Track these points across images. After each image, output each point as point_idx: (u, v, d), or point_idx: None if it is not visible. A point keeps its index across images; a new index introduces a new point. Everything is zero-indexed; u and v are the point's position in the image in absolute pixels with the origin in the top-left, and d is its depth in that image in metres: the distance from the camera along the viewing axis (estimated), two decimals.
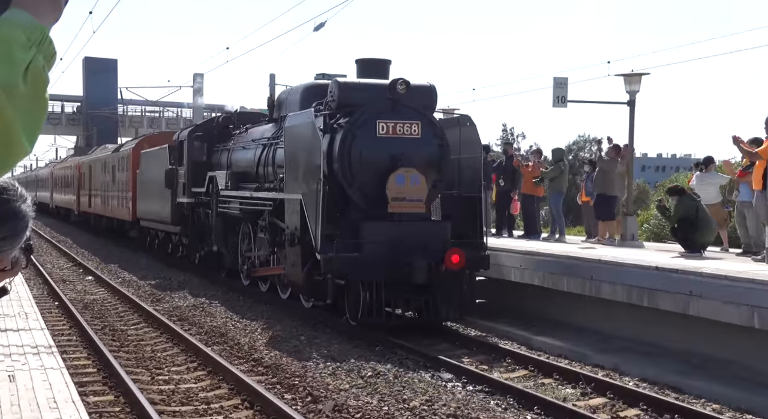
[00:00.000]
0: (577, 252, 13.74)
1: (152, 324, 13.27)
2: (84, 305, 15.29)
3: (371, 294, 11.89)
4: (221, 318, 13.71)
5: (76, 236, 33.16)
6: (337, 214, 12.50)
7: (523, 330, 12.61)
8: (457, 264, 12.16)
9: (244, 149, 16.87)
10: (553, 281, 13.18)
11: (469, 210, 13.22)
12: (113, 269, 21.28)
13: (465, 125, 13.66)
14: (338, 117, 12.92)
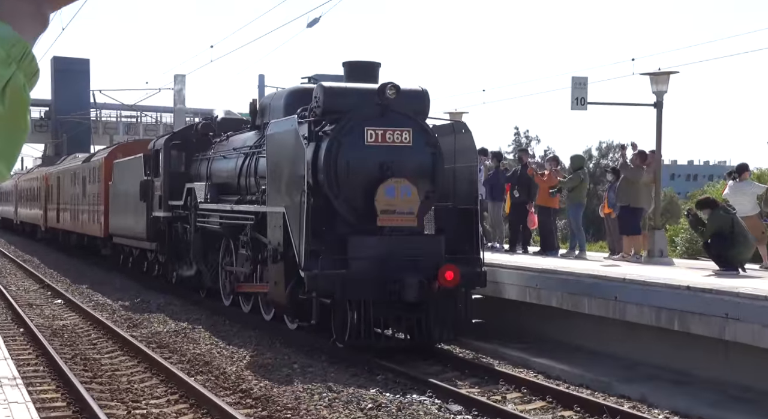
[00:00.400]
0: (600, 270, 13.80)
1: (128, 351, 13.37)
2: (53, 332, 15.43)
3: (359, 314, 12.33)
4: (205, 344, 13.87)
5: (43, 254, 33.50)
6: (323, 228, 12.95)
7: (538, 356, 12.71)
8: (451, 281, 12.61)
9: (224, 159, 17.38)
10: (573, 302, 13.23)
11: (465, 223, 13.68)
12: (85, 291, 21.53)
13: (460, 132, 14.16)
14: (324, 124, 13.41)
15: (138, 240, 22.43)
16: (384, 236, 12.89)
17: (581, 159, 19.31)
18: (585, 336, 13.32)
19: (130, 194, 22.35)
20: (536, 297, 13.99)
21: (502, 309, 14.77)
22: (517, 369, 12.19)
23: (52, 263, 29.42)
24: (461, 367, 12.41)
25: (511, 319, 14.75)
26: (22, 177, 52.23)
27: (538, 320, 14.25)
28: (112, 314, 17.60)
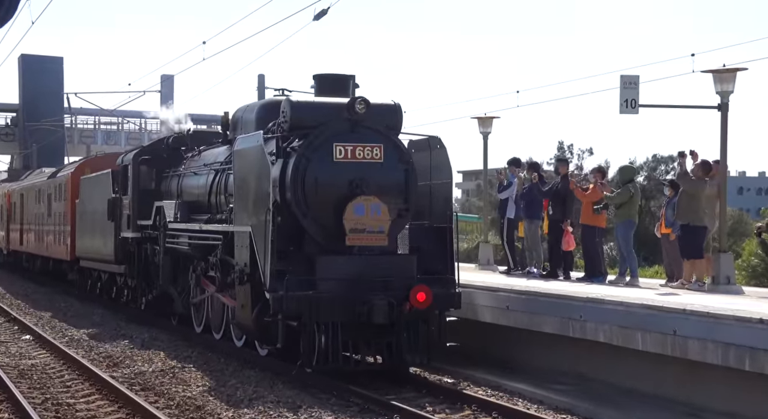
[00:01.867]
0: (655, 299, 13.81)
1: (108, 395, 13.62)
2: (20, 373, 15.70)
3: (327, 337, 14.17)
4: (197, 386, 14.21)
5: (8, 282, 34.53)
6: (291, 248, 14.84)
7: (576, 398, 13.16)
8: (423, 303, 14.45)
9: (195, 175, 19.38)
10: (623, 336, 13.40)
11: (440, 242, 15.55)
12: (57, 325, 22.23)
13: (435, 148, 16.05)
14: (292, 140, 15.31)
15: (106, 263, 24.49)
16: (353, 255, 14.74)
17: (631, 170, 19.63)
18: (638, 377, 13.51)
19: (98, 213, 24.46)
20: (580, 331, 14.24)
21: (536, 343, 15.34)
22: (547, 412, 12.70)
23: (19, 292, 30.39)
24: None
25: (545, 355, 15.29)
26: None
27: (582, 357, 14.58)
28: (89, 351, 18.06)
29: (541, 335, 15.10)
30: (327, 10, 22.13)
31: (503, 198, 21.55)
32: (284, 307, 14.09)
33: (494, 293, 16.61)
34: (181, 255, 19.46)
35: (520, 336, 15.53)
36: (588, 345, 14.30)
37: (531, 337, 15.37)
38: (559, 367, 15.01)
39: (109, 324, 22.00)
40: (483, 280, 18.08)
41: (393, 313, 14.24)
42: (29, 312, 25.17)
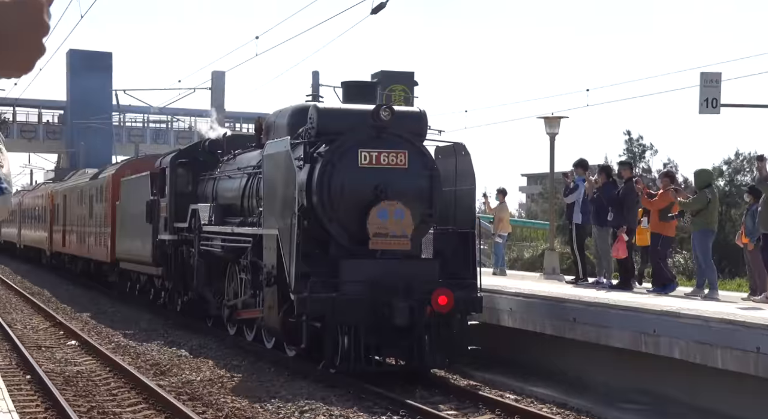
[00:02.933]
0: (737, 314, 13.72)
1: (155, 404, 13.90)
2: (65, 380, 15.96)
3: (350, 338, 15.52)
4: (246, 396, 14.42)
5: (54, 286, 35.72)
6: (316, 251, 16.22)
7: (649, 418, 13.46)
8: (444, 306, 15.75)
9: (229, 179, 20.87)
10: (701, 353, 13.31)
11: (464, 247, 16.84)
12: (104, 331, 22.86)
13: (460, 155, 17.35)
14: (318, 145, 16.70)
15: (144, 265, 26.20)
16: (377, 259, 16.09)
17: (708, 175, 19.39)
18: (717, 398, 13.48)
19: (137, 215, 26.18)
20: (653, 346, 14.24)
21: (605, 358, 15.59)
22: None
23: (65, 296, 31.54)
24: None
25: (612, 371, 15.52)
26: (27, 195, 55.92)
27: (655, 375, 14.66)
28: (136, 358, 18.55)
29: (611, 349, 15.25)
30: (385, 3, 22.37)
31: (570, 203, 21.90)
32: (308, 308, 15.43)
33: (560, 304, 16.79)
34: (214, 258, 20.88)
35: (586, 348, 15.76)
36: (662, 361, 14.24)
37: (600, 351, 15.52)
38: (626, 385, 15.09)
39: (157, 330, 22.69)
40: (549, 290, 18.44)
41: (414, 316, 15.52)
42: (75, 317, 26.01)
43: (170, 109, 57.79)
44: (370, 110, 16.46)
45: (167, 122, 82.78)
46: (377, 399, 14.37)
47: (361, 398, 14.44)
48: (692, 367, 13.61)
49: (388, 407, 13.90)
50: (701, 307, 14.88)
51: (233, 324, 20.46)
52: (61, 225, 40.24)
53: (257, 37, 35.35)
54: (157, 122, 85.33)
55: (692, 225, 18.59)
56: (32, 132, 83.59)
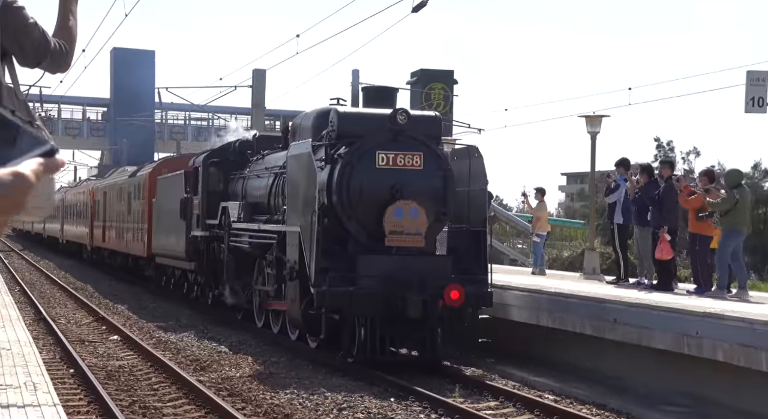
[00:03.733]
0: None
1: (195, 399, 14.11)
2: (107, 374, 16.30)
3: (366, 330, 16.58)
4: (285, 393, 14.65)
5: (97, 281, 36.62)
6: (335, 247, 17.29)
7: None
8: (456, 300, 16.77)
9: (258, 178, 22.01)
10: (745, 356, 13.32)
11: (476, 245, 17.87)
12: (145, 326, 23.37)
13: (474, 156, 18.37)
14: (339, 147, 17.77)
15: (178, 260, 27.53)
16: (392, 255, 17.13)
17: (738, 175, 19.36)
18: (761, 401, 13.52)
19: (172, 211, 27.52)
20: (696, 349, 14.31)
21: (646, 360, 15.70)
22: None
23: (107, 292, 32.38)
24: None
25: (654, 373, 15.61)
26: (70, 191, 57.60)
27: (697, 377, 14.72)
28: (176, 354, 18.89)
29: (652, 351, 15.35)
30: (426, 1, 22.61)
31: (611, 202, 22.00)
32: (327, 301, 16.52)
33: (600, 304, 16.93)
34: (243, 253, 22.00)
35: (628, 350, 15.92)
36: (705, 363, 14.28)
37: (640, 352, 15.66)
38: (671, 386, 15.18)
39: (196, 326, 23.18)
40: (588, 290, 18.58)
41: (427, 309, 16.56)
42: (117, 312, 26.66)
43: (211, 106, 58.22)
44: (388, 114, 17.47)
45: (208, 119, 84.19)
46: (416, 398, 14.60)
47: (399, 396, 14.79)
48: (736, 370, 13.58)
49: (425, 405, 14.19)
50: (746, 309, 14.85)
51: (261, 317, 21.54)
52: (102, 221, 41.74)
53: (298, 36, 35.69)
54: (198, 120, 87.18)
55: (720, 226, 18.61)
56: (77, 129, 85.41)
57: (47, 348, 18.78)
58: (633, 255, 22.80)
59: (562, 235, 69.01)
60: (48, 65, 5.12)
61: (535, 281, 20.97)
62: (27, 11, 5.00)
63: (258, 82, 48.13)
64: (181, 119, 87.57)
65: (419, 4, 22.57)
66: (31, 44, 4.94)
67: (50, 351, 18.47)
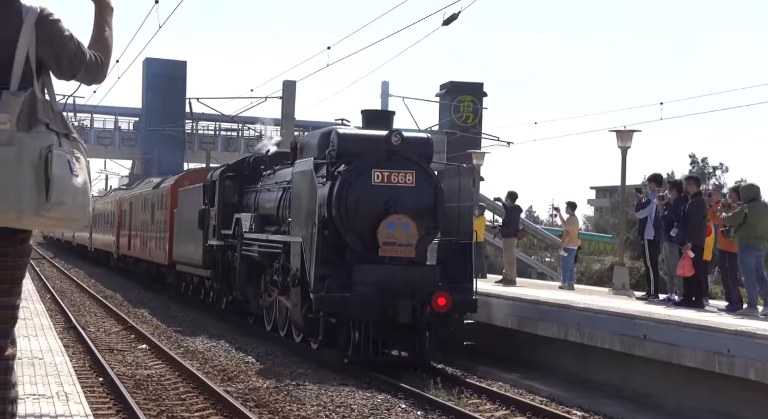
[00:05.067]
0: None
1: (222, 410, 14.42)
2: (135, 383, 16.70)
3: (360, 332, 18.46)
4: (312, 405, 14.96)
5: (126, 290, 37.84)
6: (333, 256, 19.22)
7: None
8: (443, 307, 18.65)
9: (269, 191, 24.04)
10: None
11: (463, 256, 19.75)
12: (173, 336, 24.02)
13: (463, 175, 20.27)
14: (338, 165, 19.72)
15: (195, 267, 29.70)
16: (385, 264, 19.03)
17: (752, 190, 19.32)
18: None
19: (191, 222, 29.75)
20: (728, 367, 14.38)
21: (675, 378, 15.98)
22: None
23: (136, 300, 33.45)
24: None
25: (684, 391, 15.87)
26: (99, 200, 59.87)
27: (728, 395, 14.86)
28: (204, 364, 19.36)
29: (681, 368, 15.56)
30: (457, 14, 22.94)
31: (641, 217, 22.41)
32: (324, 305, 18.48)
33: (630, 320, 17.09)
34: (254, 262, 23.99)
35: (657, 367, 16.22)
36: (736, 382, 14.38)
37: (670, 369, 15.92)
38: (703, 405, 15.36)
39: (224, 336, 23.77)
40: (618, 306, 18.83)
41: (416, 315, 18.46)
42: (145, 320, 27.53)
43: (242, 117, 58.79)
44: (383, 136, 19.39)
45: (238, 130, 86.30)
46: (443, 412, 14.94)
47: (426, 409, 15.13)
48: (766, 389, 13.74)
49: (444, 415, 14.74)
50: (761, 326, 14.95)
51: (269, 321, 23.47)
52: (127, 230, 44.10)
53: (329, 48, 35.44)
54: (228, 131, 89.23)
55: (736, 240, 18.69)
56: (108, 138, 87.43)
57: (77, 356, 19.21)
58: (663, 271, 23.05)
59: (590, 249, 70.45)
60: (83, 77, 5.27)
61: (564, 296, 21.46)
62: (63, 24, 5.16)
63: (288, 94, 49.18)
64: (211, 130, 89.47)
65: (450, 17, 23.04)
66: (67, 57, 5.10)
67: (80, 360, 18.88)
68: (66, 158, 4.89)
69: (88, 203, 4.99)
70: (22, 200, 4.72)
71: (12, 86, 4.93)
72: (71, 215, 4.93)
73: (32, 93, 4.93)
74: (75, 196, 4.89)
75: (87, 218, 5.09)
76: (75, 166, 4.95)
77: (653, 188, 22.19)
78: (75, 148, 5.04)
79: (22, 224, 4.88)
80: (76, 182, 4.91)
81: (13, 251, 5.08)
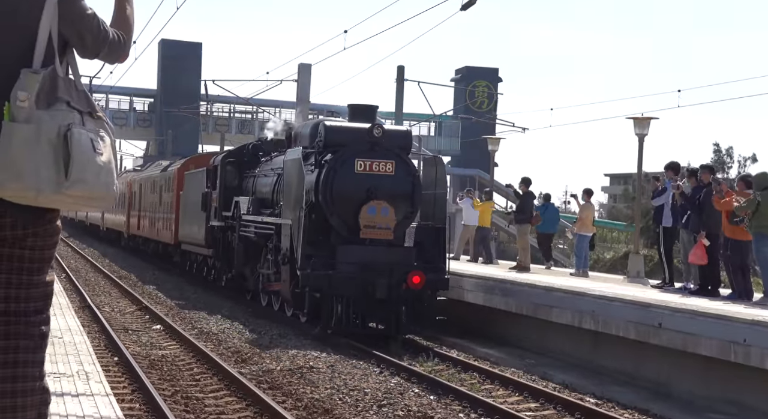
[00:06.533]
0: None
1: (236, 391, 14.64)
2: (150, 363, 17.03)
3: (342, 307, 20.84)
4: (325, 388, 15.15)
5: (141, 270, 38.95)
6: (320, 238, 21.62)
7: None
8: (417, 284, 21.04)
9: (265, 177, 26.50)
10: None
11: (438, 239, 22.12)
12: (187, 316, 24.50)
13: (439, 165, 22.67)
14: (325, 154, 22.11)
15: (198, 247, 32.37)
16: (366, 246, 21.41)
17: (766, 178, 19.05)
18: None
19: (195, 204, 32.47)
20: (743, 356, 14.54)
21: (690, 366, 16.15)
22: None
23: (150, 281, 34.27)
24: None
25: (699, 380, 16.11)
26: None
27: (744, 385, 15.03)
28: (218, 345, 19.75)
29: (699, 357, 15.70)
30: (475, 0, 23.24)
31: (657, 205, 22.62)
32: (310, 282, 20.93)
33: (646, 308, 17.21)
34: (250, 242, 26.42)
35: (674, 355, 16.41)
36: (752, 372, 14.54)
37: (683, 358, 16.18)
38: (718, 394, 15.56)
39: (238, 318, 24.31)
40: (633, 294, 18.92)
41: (392, 291, 20.84)
42: (160, 301, 28.06)
43: (257, 99, 59.85)
44: (366, 128, 21.74)
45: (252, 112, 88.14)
46: (456, 397, 15.16)
47: (439, 394, 15.34)
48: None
49: (475, 409, 14.58)
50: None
51: (265, 296, 25.86)
52: (137, 210, 46.80)
53: (346, 31, 36.73)
54: (242, 113, 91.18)
55: (750, 229, 18.56)
56: (123, 119, 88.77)
57: (92, 335, 19.15)
58: (678, 259, 23.44)
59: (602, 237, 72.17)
60: (107, 56, 5.24)
61: (578, 284, 21.75)
62: (85, 2, 5.14)
63: (303, 77, 48.44)
64: (226, 112, 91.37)
65: (468, 2, 23.52)
66: (91, 34, 5.08)
67: (95, 339, 19.04)
68: (88, 136, 4.89)
69: (113, 182, 4.98)
70: (41, 178, 4.74)
71: (35, 64, 4.94)
72: (93, 194, 4.94)
73: (53, 71, 4.93)
74: (99, 174, 4.89)
75: (112, 197, 5.08)
76: (99, 144, 4.92)
77: (670, 177, 22.31)
78: (100, 127, 5.03)
79: (40, 202, 4.89)
80: (99, 160, 4.90)
81: (42, 231, 5.11)
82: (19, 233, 5.03)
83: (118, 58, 5.30)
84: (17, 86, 4.81)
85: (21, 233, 5.04)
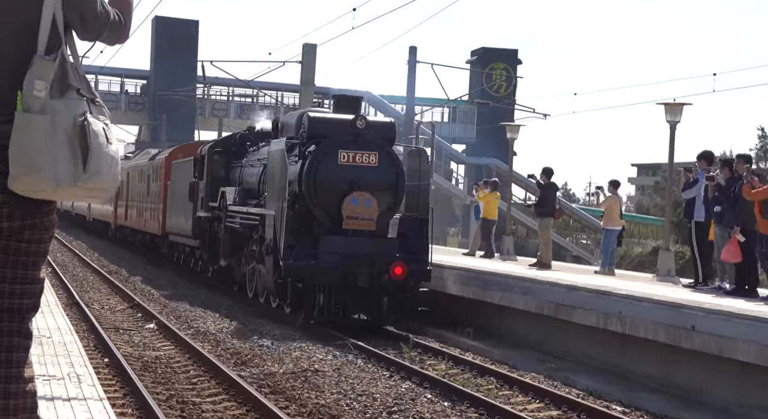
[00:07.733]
0: None
1: (236, 396, 14.70)
2: (143, 365, 17.03)
3: (324, 296, 23.00)
4: (331, 392, 15.25)
5: (133, 264, 39.67)
6: (303, 228, 23.81)
7: None
8: (399, 275, 23.23)
9: (252, 167, 28.79)
10: None
11: (420, 231, 24.32)
12: (183, 315, 24.88)
13: (422, 157, 24.89)
14: (309, 145, 24.30)
15: (185, 238, 34.88)
16: (348, 236, 23.58)
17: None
18: None
19: (182, 194, 34.88)
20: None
21: (725, 372, 16.28)
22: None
23: (142, 276, 35.19)
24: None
25: (735, 386, 16.20)
26: None
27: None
28: (216, 346, 19.85)
29: (732, 362, 15.80)
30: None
31: (688, 198, 22.69)
32: (292, 272, 23.09)
33: (677, 309, 17.25)
34: (236, 232, 28.68)
35: (702, 359, 16.64)
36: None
37: (719, 363, 16.24)
38: (755, 402, 15.68)
39: (237, 317, 24.72)
40: (663, 294, 18.96)
41: (374, 281, 23.00)
42: (153, 298, 28.54)
43: (258, 82, 60.78)
44: (350, 119, 23.91)
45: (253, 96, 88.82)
46: (471, 403, 15.15)
47: (453, 400, 15.40)
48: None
49: (472, 406, 14.94)
50: None
51: (251, 288, 28.06)
52: (125, 201, 49.05)
53: (354, 9, 37.13)
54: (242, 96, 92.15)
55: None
56: (114, 102, 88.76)
57: (80, 334, 18.55)
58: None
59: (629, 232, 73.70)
60: (107, 37, 5.33)
61: (604, 282, 21.90)
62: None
63: (308, 58, 49.03)
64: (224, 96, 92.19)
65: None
66: (93, 16, 5.17)
67: (84, 338, 18.68)
68: (101, 126, 4.99)
69: (119, 172, 5.14)
70: (59, 170, 4.81)
71: (39, 50, 4.99)
72: (104, 185, 5.06)
73: (63, 56, 5.02)
74: (111, 165, 5.01)
75: (116, 188, 5.20)
76: (110, 134, 5.04)
77: (703, 167, 22.14)
78: (100, 113, 5.13)
79: (58, 196, 5.02)
80: (110, 150, 5.03)
81: (39, 224, 5.18)
82: (16, 225, 5.09)
83: (119, 39, 5.38)
84: (32, 74, 4.91)
85: (18, 225, 5.10)
